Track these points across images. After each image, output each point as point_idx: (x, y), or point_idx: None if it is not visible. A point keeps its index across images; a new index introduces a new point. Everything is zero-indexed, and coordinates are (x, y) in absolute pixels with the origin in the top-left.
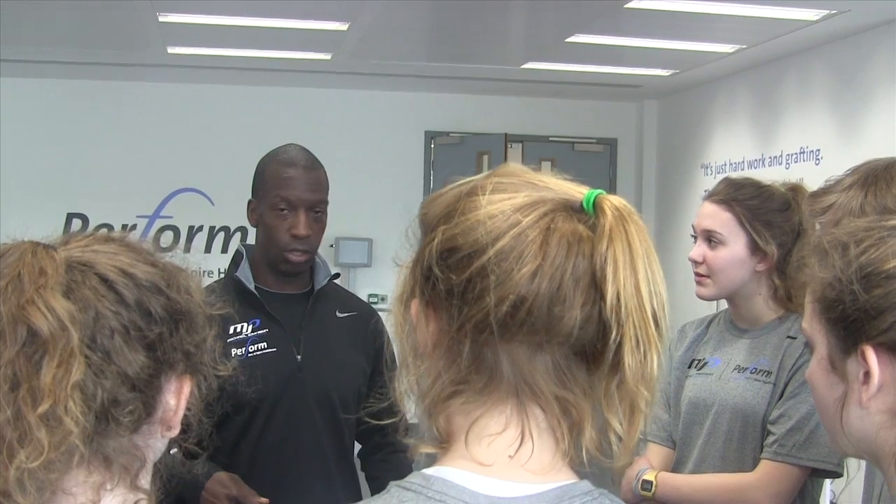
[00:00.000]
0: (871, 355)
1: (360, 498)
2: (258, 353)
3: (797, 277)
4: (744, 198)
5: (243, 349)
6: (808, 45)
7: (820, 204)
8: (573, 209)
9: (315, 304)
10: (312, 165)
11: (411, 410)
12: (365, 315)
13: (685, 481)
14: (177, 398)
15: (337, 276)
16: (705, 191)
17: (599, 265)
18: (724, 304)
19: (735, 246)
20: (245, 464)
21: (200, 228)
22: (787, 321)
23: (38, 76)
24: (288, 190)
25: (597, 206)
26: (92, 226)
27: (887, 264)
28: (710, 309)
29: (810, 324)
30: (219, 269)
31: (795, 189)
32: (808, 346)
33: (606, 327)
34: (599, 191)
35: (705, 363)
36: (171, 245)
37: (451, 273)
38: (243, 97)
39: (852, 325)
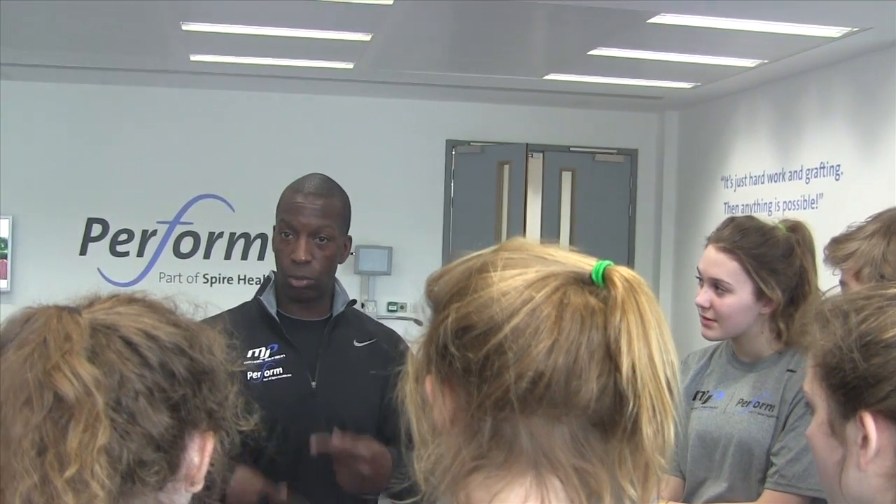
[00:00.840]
0: (869, 422)
1: None
2: (273, 378)
3: (798, 326)
4: (749, 246)
5: (259, 373)
6: (830, 60)
7: (842, 251)
8: (583, 282)
9: (333, 331)
10: (322, 193)
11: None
12: (385, 340)
13: None
14: (201, 455)
15: (353, 302)
16: (725, 203)
17: (613, 337)
18: None
19: (742, 294)
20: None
21: (221, 235)
22: (786, 355)
23: (60, 80)
24: (291, 215)
25: (606, 277)
26: (112, 231)
27: (886, 333)
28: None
29: (811, 387)
30: (238, 276)
31: (796, 229)
32: (810, 407)
33: (622, 398)
34: (608, 262)
35: (709, 396)
36: (193, 307)
37: (467, 351)
38: (265, 104)
39: (852, 391)
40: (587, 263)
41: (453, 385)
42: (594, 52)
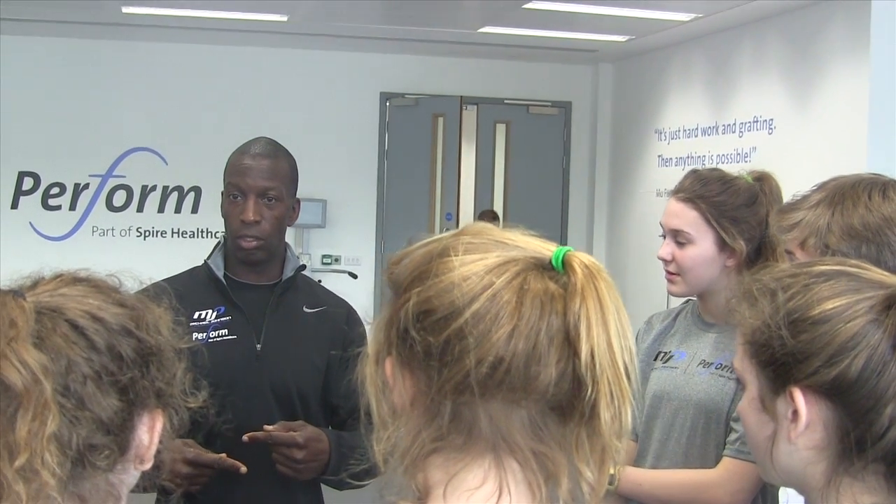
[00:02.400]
0: (798, 396)
1: (317, 494)
2: (219, 339)
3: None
4: (710, 195)
5: (205, 334)
6: (764, 14)
7: (787, 221)
8: (543, 267)
9: (282, 295)
10: (269, 154)
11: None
12: (334, 309)
13: (647, 477)
14: (150, 434)
15: (303, 267)
16: (659, 156)
17: (573, 323)
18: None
19: (703, 244)
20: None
21: (154, 188)
22: None
23: None
24: (239, 177)
25: (566, 263)
26: (44, 185)
27: (813, 311)
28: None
29: (741, 364)
30: (171, 230)
31: (762, 178)
32: (740, 383)
33: (581, 383)
34: (567, 248)
35: (671, 356)
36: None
37: (428, 335)
38: (198, 57)
39: (781, 367)
40: (547, 249)
41: (413, 368)
42: (529, 5)
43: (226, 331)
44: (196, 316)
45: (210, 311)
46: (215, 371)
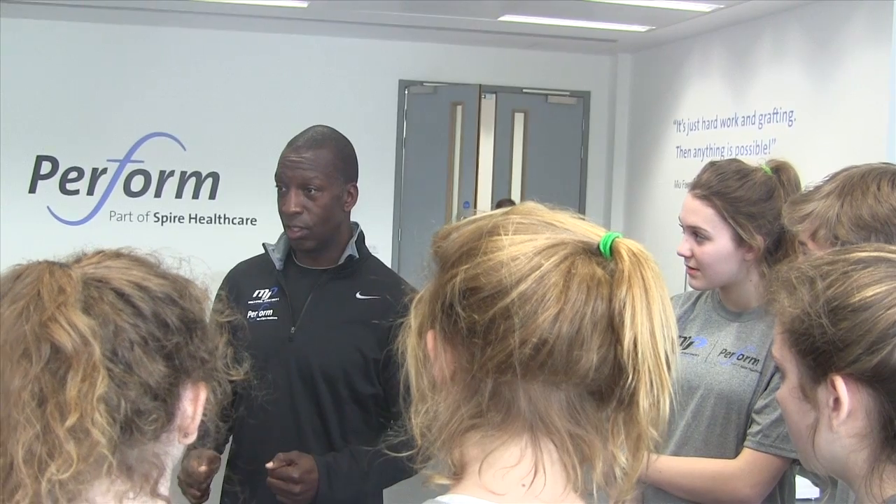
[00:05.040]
0: (840, 384)
1: None
2: (262, 319)
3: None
4: (726, 191)
5: (256, 313)
6: (784, 6)
7: (798, 212)
8: (591, 252)
9: (331, 280)
10: (312, 145)
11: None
12: (386, 302)
13: (668, 465)
14: (194, 405)
15: (352, 258)
16: (677, 147)
17: (618, 310)
18: None
19: (720, 240)
20: (233, 427)
21: (172, 173)
22: None
23: (10, 16)
24: (282, 169)
25: (613, 249)
26: (62, 169)
27: (852, 298)
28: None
29: (781, 353)
30: (189, 215)
31: (780, 168)
32: (780, 372)
33: (621, 369)
34: (616, 234)
35: (691, 342)
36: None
37: (473, 312)
38: (218, 43)
39: (822, 356)
40: (595, 234)
41: (456, 344)
42: None
43: (271, 311)
44: (255, 294)
45: (266, 292)
46: (253, 348)
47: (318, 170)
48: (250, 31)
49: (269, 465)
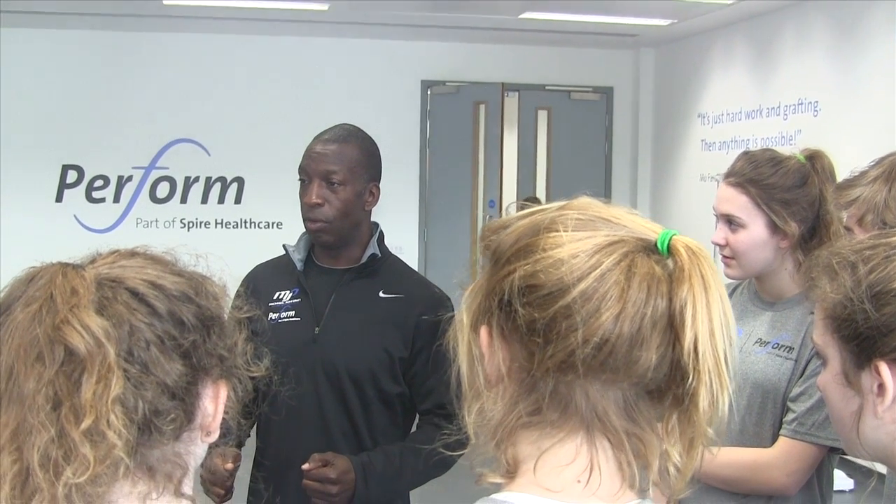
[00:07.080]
0: (884, 370)
1: None
2: (284, 320)
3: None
4: (760, 178)
5: (277, 315)
6: None
7: (845, 197)
8: (649, 249)
9: (354, 280)
10: (337, 139)
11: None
12: (410, 300)
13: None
14: (214, 403)
15: (374, 256)
16: (702, 140)
17: (678, 309)
18: None
19: (755, 228)
20: (257, 427)
21: (197, 179)
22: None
23: (35, 26)
24: (306, 161)
25: (671, 247)
26: (88, 177)
27: (895, 283)
28: None
29: (823, 339)
30: (215, 220)
31: (814, 157)
32: (822, 358)
33: (679, 368)
34: (673, 231)
35: None
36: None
37: (533, 310)
38: (239, 47)
39: (865, 341)
40: (652, 231)
41: (512, 341)
42: None
43: (293, 312)
44: (275, 297)
45: (287, 293)
46: (277, 350)
47: (342, 164)
48: (272, 35)
49: (306, 466)
